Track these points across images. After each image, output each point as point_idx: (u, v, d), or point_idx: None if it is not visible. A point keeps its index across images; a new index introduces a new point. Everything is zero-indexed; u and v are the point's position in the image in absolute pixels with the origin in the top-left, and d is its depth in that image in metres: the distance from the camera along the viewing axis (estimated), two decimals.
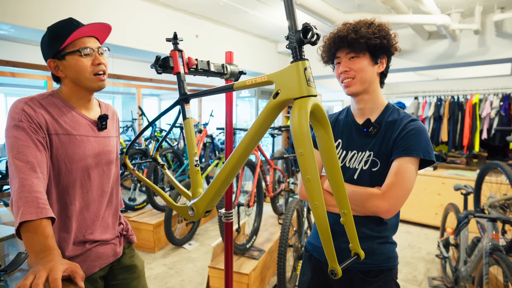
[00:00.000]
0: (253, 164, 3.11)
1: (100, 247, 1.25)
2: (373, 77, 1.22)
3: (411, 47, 4.90)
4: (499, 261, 2.02)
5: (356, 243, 0.96)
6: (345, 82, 1.22)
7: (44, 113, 1.10)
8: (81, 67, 1.14)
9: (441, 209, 4.45)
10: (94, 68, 1.16)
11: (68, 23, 1.14)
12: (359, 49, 1.17)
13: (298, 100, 0.82)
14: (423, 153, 1.12)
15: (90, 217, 1.21)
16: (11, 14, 2.68)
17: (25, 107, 1.07)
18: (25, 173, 0.97)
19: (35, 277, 0.74)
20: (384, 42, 1.17)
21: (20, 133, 1.03)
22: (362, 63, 1.19)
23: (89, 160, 1.20)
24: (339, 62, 1.24)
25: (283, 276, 2.46)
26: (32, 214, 0.89)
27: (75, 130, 1.17)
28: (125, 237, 1.40)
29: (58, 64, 1.15)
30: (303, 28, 0.80)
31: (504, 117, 4.91)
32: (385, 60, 1.23)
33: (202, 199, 1.12)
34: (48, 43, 1.14)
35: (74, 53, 1.13)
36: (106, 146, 1.28)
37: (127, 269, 1.36)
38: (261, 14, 4.30)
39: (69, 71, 1.15)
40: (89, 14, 3.16)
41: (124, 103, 8.82)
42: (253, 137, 0.94)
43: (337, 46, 1.21)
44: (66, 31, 1.11)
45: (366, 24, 1.17)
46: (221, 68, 1.37)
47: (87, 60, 1.15)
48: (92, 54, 1.16)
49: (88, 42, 1.15)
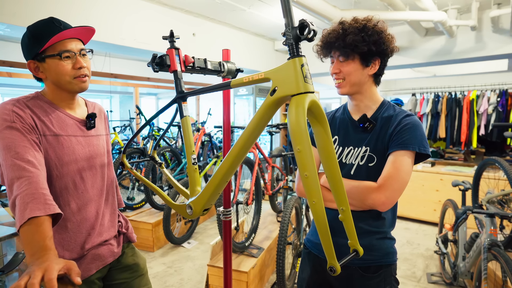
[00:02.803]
0: (251, 162, 3.11)
1: (97, 248, 1.24)
2: (364, 79, 1.22)
3: (408, 43, 4.90)
4: (498, 257, 2.03)
5: (355, 239, 0.96)
6: (336, 83, 1.25)
7: (31, 114, 1.08)
8: (61, 71, 1.11)
9: (439, 205, 4.47)
10: (75, 71, 1.13)
11: (49, 24, 1.10)
12: (348, 54, 1.18)
13: (295, 97, 0.82)
14: (419, 147, 1.14)
15: (85, 218, 1.20)
16: (7, 13, 2.67)
17: (15, 108, 1.05)
18: (29, 171, 0.96)
19: (30, 277, 0.73)
20: (372, 48, 1.16)
21: (15, 134, 1.02)
22: (351, 67, 1.19)
23: (80, 160, 1.18)
24: (333, 62, 1.25)
25: (282, 274, 2.47)
26: (40, 210, 0.89)
27: (63, 130, 1.15)
28: (125, 235, 1.39)
29: (38, 65, 1.12)
30: (300, 24, 0.80)
31: (501, 113, 4.93)
32: (378, 62, 1.22)
33: (200, 197, 1.12)
34: (28, 44, 1.11)
35: (54, 56, 1.10)
36: (96, 145, 1.26)
37: (128, 268, 1.35)
38: (258, 12, 4.29)
39: (49, 73, 1.12)
40: (85, 13, 3.14)
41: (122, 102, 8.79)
42: (251, 135, 0.94)
43: (328, 46, 1.22)
44: (46, 32, 1.08)
45: (357, 29, 1.16)
46: (218, 66, 1.36)
47: (68, 64, 1.12)
48: (74, 57, 1.13)
49: (70, 45, 1.12)
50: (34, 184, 0.94)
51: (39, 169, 0.99)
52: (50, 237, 0.87)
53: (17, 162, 0.97)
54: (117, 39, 3.44)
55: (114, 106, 8.43)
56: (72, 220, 1.16)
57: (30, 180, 0.95)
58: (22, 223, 0.88)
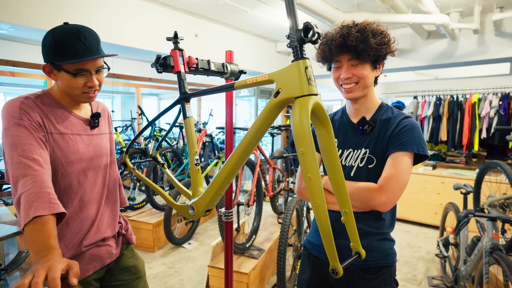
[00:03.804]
0: (253, 164, 3.11)
1: (95, 248, 1.24)
2: (372, 81, 1.25)
3: (410, 46, 4.90)
4: (499, 260, 2.02)
5: (357, 242, 0.97)
6: (347, 87, 1.23)
7: (39, 112, 1.10)
8: (73, 85, 1.12)
9: (441, 209, 4.46)
10: (86, 88, 1.14)
11: (74, 39, 1.08)
12: (365, 58, 1.17)
13: (299, 99, 0.82)
14: (417, 148, 1.15)
15: (86, 216, 1.21)
16: (10, 13, 2.68)
17: (23, 106, 1.06)
18: (34, 170, 0.97)
19: (34, 276, 0.73)
20: (387, 51, 1.19)
21: (22, 132, 1.03)
22: (365, 70, 1.20)
23: (84, 158, 1.20)
24: (339, 66, 1.23)
25: (283, 275, 2.46)
26: (45, 209, 0.89)
27: (68, 129, 1.17)
28: (124, 237, 1.39)
29: (53, 70, 1.13)
30: (304, 27, 0.80)
31: (503, 116, 4.92)
32: (382, 64, 1.25)
33: (203, 198, 1.12)
34: (48, 50, 1.10)
35: (70, 73, 1.10)
36: (100, 144, 1.27)
37: (126, 270, 1.35)
38: (260, 13, 4.30)
39: (61, 82, 1.14)
40: (89, 13, 3.15)
41: (124, 103, 8.81)
42: (254, 136, 0.94)
43: (339, 50, 1.18)
44: (69, 48, 1.07)
45: (372, 32, 1.16)
46: (221, 67, 1.36)
47: (81, 80, 1.12)
48: (88, 76, 1.13)
49: (87, 65, 1.11)
50: (39, 182, 0.95)
51: (45, 168, 1.00)
52: (54, 236, 0.88)
53: (22, 160, 0.98)
54: (120, 39, 3.45)
55: (116, 106, 8.45)
56: (74, 218, 1.17)
57: (35, 179, 0.95)
58: (26, 222, 0.88)
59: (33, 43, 5.08)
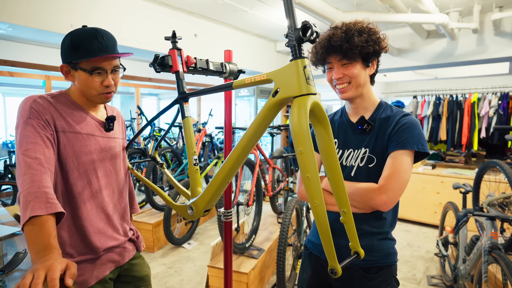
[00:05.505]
0: (252, 163, 3.11)
1: (110, 251, 1.26)
2: (366, 80, 1.24)
3: (409, 46, 4.90)
4: (498, 259, 2.03)
5: (356, 242, 0.96)
6: (340, 88, 1.23)
7: (52, 110, 1.11)
8: (89, 85, 1.15)
9: (440, 208, 4.46)
10: (103, 88, 1.16)
11: (92, 39, 1.11)
12: (352, 56, 1.18)
13: (298, 98, 0.82)
14: (417, 146, 1.15)
15: (99, 218, 1.21)
16: (9, 13, 2.67)
17: (33, 104, 1.08)
18: (34, 169, 0.97)
19: (34, 277, 0.73)
20: (376, 48, 1.18)
21: (28, 130, 1.04)
22: (355, 69, 1.20)
23: (96, 158, 1.20)
24: (331, 68, 1.24)
25: (283, 275, 2.46)
26: (42, 209, 0.89)
27: (83, 129, 1.18)
28: (135, 243, 1.41)
29: (70, 70, 1.16)
30: (303, 26, 0.80)
31: (502, 115, 4.92)
32: (375, 61, 1.25)
33: (202, 198, 1.12)
34: (66, 51, 1.13)
35: (86, 71, 1.13)
36: (113, 147, 1.28)
37: (137, 279, 1.38)
38: (259, 13, 4.30)
39: (78, 82, 1.16)
40: (87, 13, 3.15)
41: (123, 103, 8.81)
42: (252, 136, 0.94)
43: (326, 51, 1.21)
44: (86, 47, 1.10)
45: (357, 31, 1.16)
46: (220, 67, 1.36)
47: (97, 79, 1.15)
48: (104, 74, 1.15)
49: (103, 63, 1.14)
50: (37, 182, 0.95)
51: (45, 167, 1.00)
52: (54, 235, 0.87)
53: (24, 159, 0.99)
54: (118, 39, 3.44)
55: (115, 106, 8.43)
56: (87, 219, 1.17)
57: (33, 178, 0.95)
58: (24, 222, 0.88)
59: (32, 43, 5.08)
